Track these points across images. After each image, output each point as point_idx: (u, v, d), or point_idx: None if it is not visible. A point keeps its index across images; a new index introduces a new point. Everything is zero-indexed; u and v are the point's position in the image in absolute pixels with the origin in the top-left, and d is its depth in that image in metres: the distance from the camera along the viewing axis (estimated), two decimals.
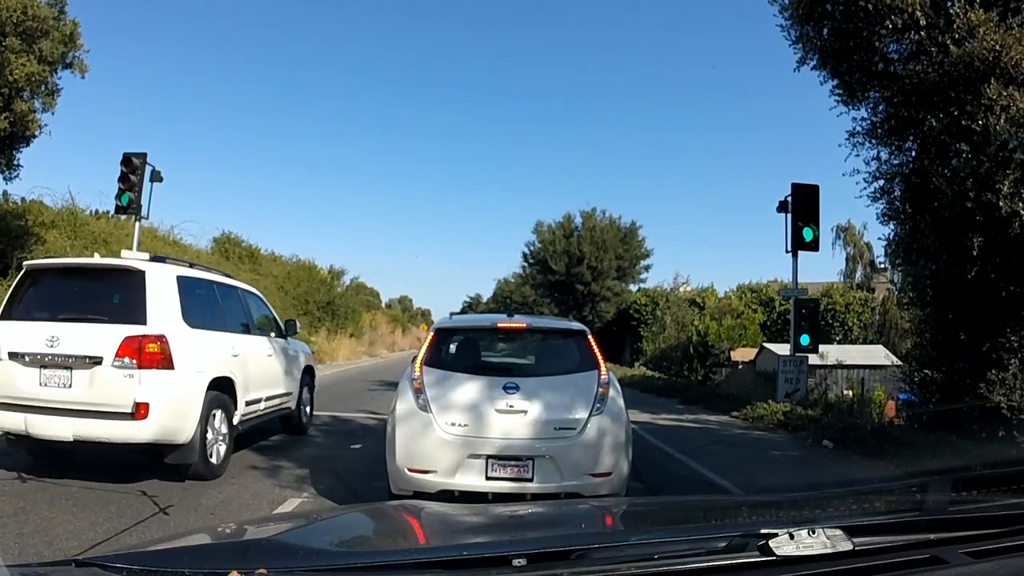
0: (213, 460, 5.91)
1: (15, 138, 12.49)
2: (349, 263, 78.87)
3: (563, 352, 5.39)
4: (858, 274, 39.60)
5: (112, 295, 5.76)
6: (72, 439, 5.29)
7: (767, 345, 24.98)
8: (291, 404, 8.07)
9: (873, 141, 11.63)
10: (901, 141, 11.50)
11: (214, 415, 5.92)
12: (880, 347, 25.99)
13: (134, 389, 5.22)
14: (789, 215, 12.44)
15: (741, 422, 11.28)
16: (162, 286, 5.73)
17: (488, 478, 4.66)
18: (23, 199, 16.31)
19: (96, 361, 5.26)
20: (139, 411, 5.21)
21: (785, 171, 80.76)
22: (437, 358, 5.18)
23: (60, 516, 4.73)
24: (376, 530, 1.89)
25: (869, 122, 11.47)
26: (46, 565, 1.64)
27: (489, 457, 4.67)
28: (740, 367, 25.51)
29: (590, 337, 5.35)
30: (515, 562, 1.33)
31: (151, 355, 5.29)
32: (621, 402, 5.10)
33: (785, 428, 10.24)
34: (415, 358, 5.24)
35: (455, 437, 4.73)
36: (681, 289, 37.94)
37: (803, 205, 12.31)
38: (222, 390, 6.08)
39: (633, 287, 43.27)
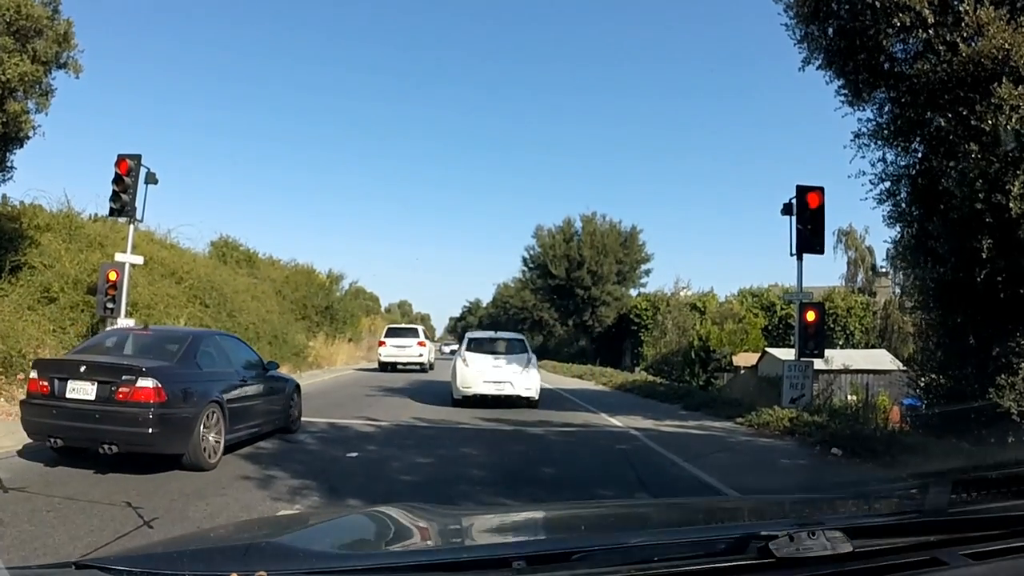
0: (432, 369, 25.15)
1: (8, 139, 12.26)
2: (349, 268, 78.62)
3: (516, 346, 13.95)
4: (859, 278, 39.43)
5: (415, 332, 25.51)
6: (407, 363, 24.15)
7: (769, 350, 24.74)
8: (432, 359, 26.87)
9: (879, 142, 11.44)
10: (907, 142, 11.31)
11: (431, 359, 26.50)
12: (884, 352, 25.75)
13: (420, 352, 24.42)
14: (794, 217, 12.23)
15: (746, 429, 11.01)
16: (421, 330, 26.29)
17: (494, 388, 12.85)
18: (21, 203, 16.08)
19: (410, 346, 24.30)
20: (422, 356, 24.47)
21: (786, 175, 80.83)
22: (470, 348, 13.66)
23: (40, 529, 4.51)
24: (376, 532, 1.87)
25: (875, 123, 11.28)
26: (45, 567, 1.64)
27: (489, 382, 12.91)
28: (742, 372, 25.29)
29: (525, 340, 14.58)
30: (515, 564, 1.33)
31: (423, 345, 24.62)
32: (535, 366, 13.71)
33: (792, 435, 9.98)
34: (458, 349, 15.16)
35: (478, 374, 12.98)
36: (682, 293, 37.69)
37: (808, 207, 12.10)
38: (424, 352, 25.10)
39: (633, 292, 43.07)
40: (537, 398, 13.28)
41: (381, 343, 24.42)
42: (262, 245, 63.55)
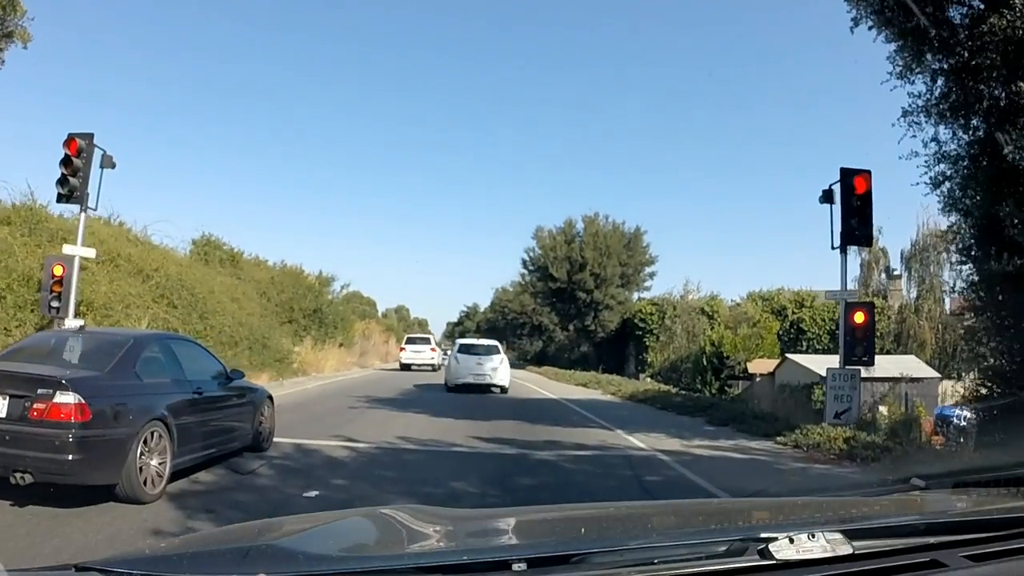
0: (439, 370, 27.40)
1: None
2: (347, 273, 77.08)
3: (492, 349, 20.09)
4: (874, 281, 37.94)
5: (428, 340, 34.23)
6: (421, 364, 30.33)
7: (791, 356, 23.17)
8: (440, 361, 30.12)
9: (932, 119, 10.06)
10: (967, 118, 9.91)
11: (440, 361, 30.13)
12: (913, 357, 24.18)
13: (431, 355, 31.34)
14: (835, 206, 10.72)
15: (792, 450, 9.41)
16: (432, 338, 36.38)
17: (474, 379, 18.74)
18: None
19: (423, 351, 31.46)
20: (432, 358, 31.00)
21: (792, 175, 79.22)
22: (460, 351, 20.14)
23: None
24: (377, 535, 1.83)
25: (927, 97, 9.93)
26: (45, 570, 1.68)
27: (473, 374, 18.85)
28: (758, 380, 23.75)
29: (499, 345, 21.31)
30: (515, 567, 1.33)
31: (434, 351, 32.07)
32: (507, 364, 20.14)
33: (851, 459, 8.38)
34: (450, 350, 23.69)
35: (465, 369, 19.01)
36: (691, 297, 36.14)
37: (854, 192, 10.57)
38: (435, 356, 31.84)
39: (636, 295, 41.58)
40: (507, 387, 19.36)
41: (401, 348, 32.46)
42: (253, 247, 61.98)
